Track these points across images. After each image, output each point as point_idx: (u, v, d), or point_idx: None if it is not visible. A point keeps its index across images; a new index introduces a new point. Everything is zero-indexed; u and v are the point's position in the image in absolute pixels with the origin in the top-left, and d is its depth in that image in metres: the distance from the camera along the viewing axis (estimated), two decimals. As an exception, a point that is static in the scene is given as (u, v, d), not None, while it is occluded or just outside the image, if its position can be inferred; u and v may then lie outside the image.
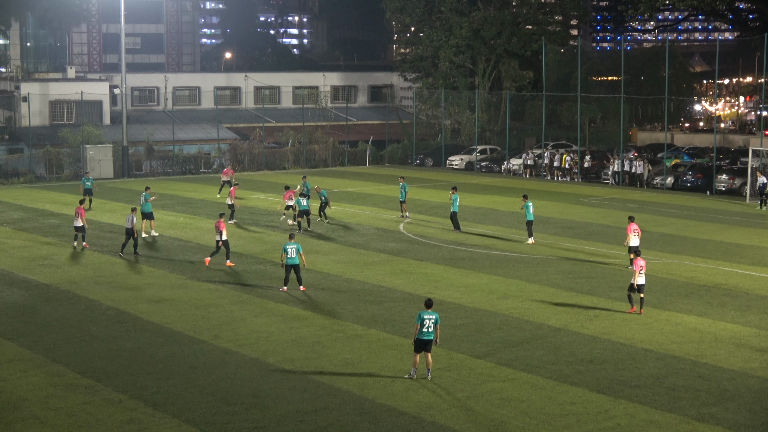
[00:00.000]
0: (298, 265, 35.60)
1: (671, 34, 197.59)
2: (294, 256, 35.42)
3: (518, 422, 22.54)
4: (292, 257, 35.42)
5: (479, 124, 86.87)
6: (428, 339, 25.49)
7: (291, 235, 36.60)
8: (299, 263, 35.60)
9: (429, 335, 25.47)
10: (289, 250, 35.39)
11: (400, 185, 53.45)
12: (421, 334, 25.44)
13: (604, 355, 27.72)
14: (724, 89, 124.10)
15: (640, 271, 32.52)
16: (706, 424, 22.42)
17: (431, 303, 25.97)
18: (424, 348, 25.52)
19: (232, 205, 51.87)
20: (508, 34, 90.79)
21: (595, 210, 57.61)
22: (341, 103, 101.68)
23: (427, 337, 25.48)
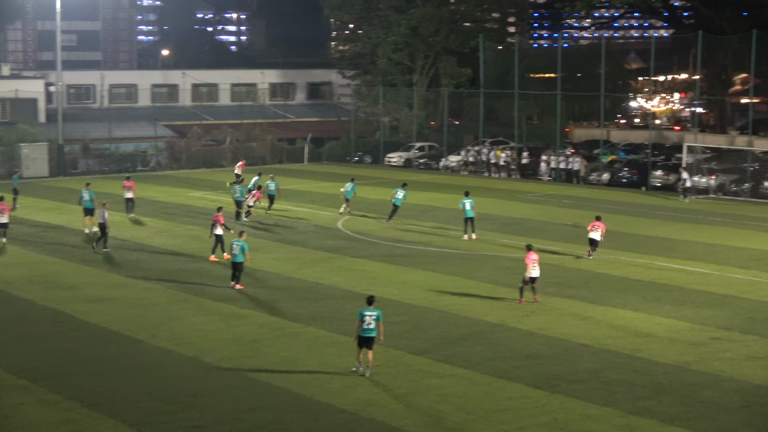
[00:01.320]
0: (242, 263, 35.54)
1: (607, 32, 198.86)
2: (238, 253, 35.36)
3: (456, 418, 22.64)
4: (235, 254, 35.38)
5: (417, 121, 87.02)
6: (369, 336, 25.55)
7: (240, 233, 36.66)
8: (243, 261, 35.54)
9: (370, 332, 25.54)
10: (234, 247, 35.36)
11: (351, 185, 53.85)
12: (363, 331, 25.54)
13: (542, 351, 27.93)
14: (660, 86, 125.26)
15: (533, 265, 33.29)
16: (641, 418, 22.66)
17: (372, 300, 26.09)
18: (365, 344, 25.59)
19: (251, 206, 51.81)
20: (446, 31, 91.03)
21: (533, 206, 57.98)
22: (280, 100, 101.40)
23: (367, 334, 25.55)
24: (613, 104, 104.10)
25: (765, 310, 32.86)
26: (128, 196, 51.90)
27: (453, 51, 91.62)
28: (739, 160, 66.32)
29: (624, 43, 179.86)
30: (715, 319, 31.53)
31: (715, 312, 32.51)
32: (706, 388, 24.72)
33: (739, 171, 64.79)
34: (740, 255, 42.73)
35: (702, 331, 30.22)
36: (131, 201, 51.99)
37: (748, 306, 33.40)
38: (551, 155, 73.98)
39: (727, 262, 41.00)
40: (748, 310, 32.86)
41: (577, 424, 22.31)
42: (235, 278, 35.79)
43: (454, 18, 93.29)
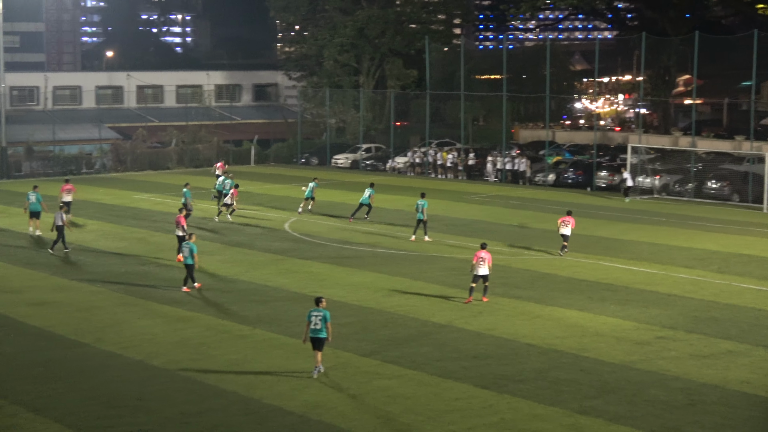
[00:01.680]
0: (192, 265, 35.44)
1: (552, 33, 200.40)
2: (187, 256, 35.30)
3: (404, 419, 22.67)
4: (185, 256, 35.35)
5: (364, 123, 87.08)
6: (317, 337, 25.55)
7: (189, 235, 36.66)
8: (192, 263, 35.43)
9: (318, 333, 25.52)
10: (184, 249, 35.36)
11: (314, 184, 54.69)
12: (312, 332, 25.56)
13: (489, 351, 28.03)
14: (604, 87, 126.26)
15: (479, 263, 33.62)
16: (588, 417, 22.81)
17: (320, 301, 26.05)
18: (316, 346, 25.63)
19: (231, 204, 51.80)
20: (392, 32, 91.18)
21: (479, 207, 58.18)
22: (225, 102, 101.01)
23: (315, 335, 25.56)
24: (558, 105, 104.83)
25: (709, 309, 33.20)
26: (67, 199, 51.34)
27: (399, 52, 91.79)
28: (682, 161, 66.99)
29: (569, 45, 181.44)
30: (660, 319, 31.82)
31: (660, 311, 32.80)
32: (652, 386, 24.93)
33: (683, 171, 65.44)
34: (684, 255, 43.14)
35: (647, 330, 30.48)
36: (68, 204, 51.41)
37: (692, 305, 33.73)
38: (497, 156, 74.28)
39: (672, 262, 41.38)
40: (693, 309, 33.19)
41: (524, 424, 22.42)
42: (187, 281, 35.72)
43: (400, 20, 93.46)
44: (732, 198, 61.54)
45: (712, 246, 45.31)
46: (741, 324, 31.20)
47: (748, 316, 32.29)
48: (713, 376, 25.81)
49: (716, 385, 25.02)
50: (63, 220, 42.79)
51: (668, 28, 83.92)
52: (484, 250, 34.15)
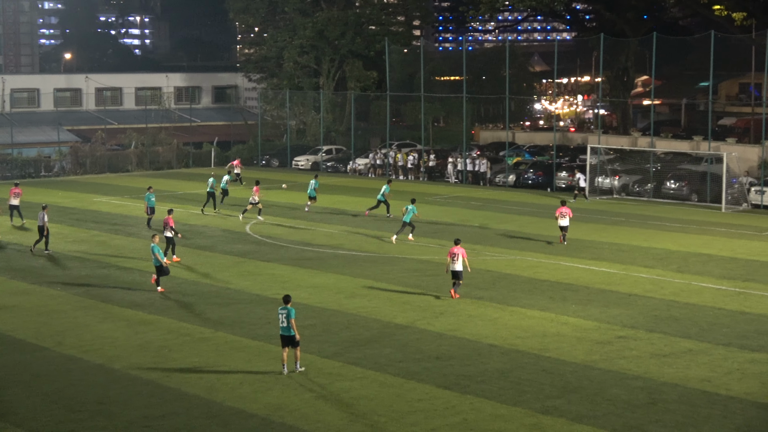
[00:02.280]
0: (161, 265, 35.62)
1: (511, 35, 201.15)
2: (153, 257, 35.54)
3: (367, 420, 22.68)
4: (154, 258, 35.51)
5: (324, 125, 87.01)
6: (285, 335, 25.84)
7: (153, 236, 36.77)
8: (160, 265, 35.59)
9: (285, 330, 25.80)
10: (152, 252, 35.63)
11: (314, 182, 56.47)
12: (281, 330, 25.87)
13: (451, 352, 28.09)
14: (563, 88, 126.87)
15: (453, 258, 34.25)
16: (550, 417, 22.91)
17: (288, 298, 26.31)
18: (288, 343, 25.86)
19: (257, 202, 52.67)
20: (352, 34, 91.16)
21: (440, 208, 58.29)
22: (185, 104, 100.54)
23: (283, 333, 25.87)
24: (518, 106, 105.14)
25: (669, 308, 33.43)
26: (14, 202, 50.94)
27: (359, 54, 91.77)
28: (641, 161, 67.40)
29: (528, 46, 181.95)
30: (620, 318, 32.00)
31: (621, 311, 33.00)
32: (613, 386, 25.08)
33: (642, 172, 65.84)
34: (644, 254, 43.41)
35: (608, 329, 30.65)
36: (16, 208, 51.04)
37: (652, 304, 33.95)
38: (458, 157, 74.45)
39: (632, 262, 41.63)
40: (653, 308, 33.40)
41: (486, 424, 22.49)
42: (158, 281, 35.87)
43: (359, 21, 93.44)
44: (691, 198, 61.99)
45: (672, 246, 45.64)
46: (701, 323, 31.44)
47: (708, 315, 32.54)
48: (674, 374, 26.00)
49: (677, 384, 25.21)
50: (45, 220, 43.06)
51: (626, 29, 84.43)
52: (458, 246, 34.66)
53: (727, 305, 33.86)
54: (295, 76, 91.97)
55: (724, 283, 37.43)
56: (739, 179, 60.68)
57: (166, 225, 41.07)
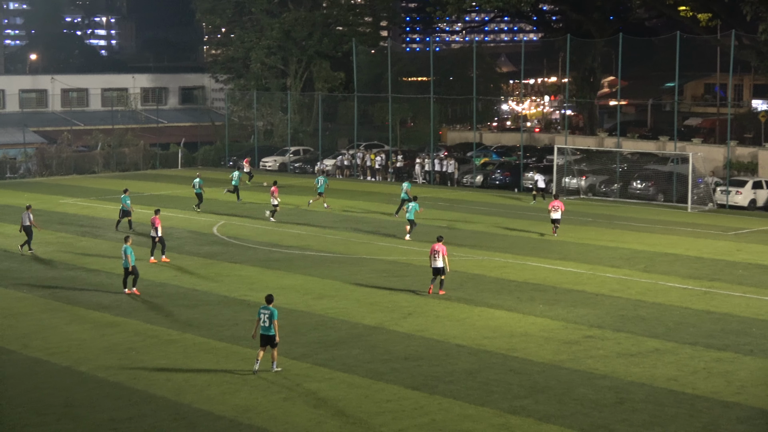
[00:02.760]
0: (134, 267, 35.49)
1: (478, 35, 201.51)
2: (126, 259, 35.43)
3: (335, 422, 22.66)
4: (125, 260, 35.40)
5: (292, 125, 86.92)
6: (266, 334, 25.97)
7: (126, 237, 36.54)
8: (134, 266, 35.51)
9: (266, 330, 25.94)
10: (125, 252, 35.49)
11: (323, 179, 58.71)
12: (262, 329, 25.96)
13: (419, 352, 28.11)
14: (530, 89, 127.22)
15: (435, 256, 34.79)
16: (518, 417, 22.97)
17: (271, 298, 26.52)
18: (267, 343, 25.97)
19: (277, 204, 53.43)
20: (319, 35, 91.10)
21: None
22: (152, 105, 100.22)
23: (264, 332, 25.99)
24: (485, 107, 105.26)
25: (636, 308, 33.59)
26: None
27: (326, 55, 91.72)
28: (608, 162, 67.72)
29: (495, 47, 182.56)
30: (587, 318, 32.13)
31: (588, 310, 33.13)
32: (581, 385, 25.17)
33: (609, 172, 66.15)
34: (611, 254, 43.61)
35: (575, 329, 30.77)
36: None
37: (619, 304, 34.10)
38: (425, 158, 74.54)
39: (599, 262, 41.81)
40: (620, 308, 33.55)
41: (455, 425, 22.52)
42: (126, 283, 35.77)
43: (326, 22, 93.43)
44: (657, 198, 62.32)
45: (638, 245, 45.85)
46: (667, 322, 31.61)
47: (674, 314, 32.72)
48: (640, 374, 26.12)
49: (643, 383, 25.33)
50: (31, 219, 43.20)
51: (592, 30, 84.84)
52: (439, 243, 35.22)
53: (693, 305, 34.06)
54: (262, 77, 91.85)
55: (691, 283, 37.65)
56: (704, 179, 61.07)
57: (153, 225, 41.33)
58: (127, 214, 49.61)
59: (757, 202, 59.05)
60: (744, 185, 59.61)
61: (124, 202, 49.71)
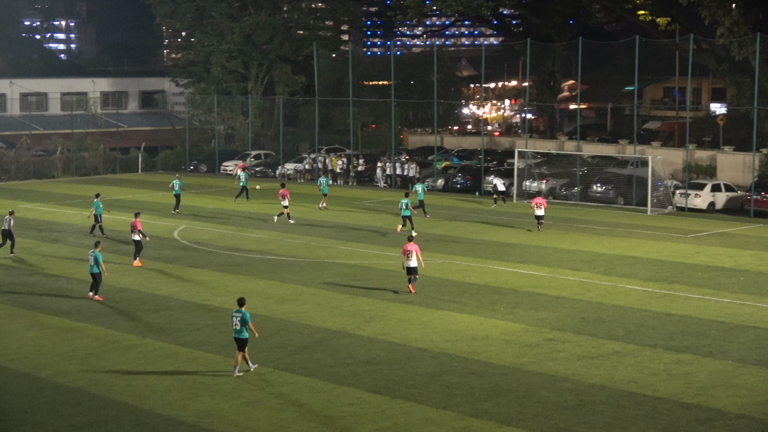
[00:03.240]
0: (98, 273, 35.35)
1: (439, 40, 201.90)
2: (92, 264, 35.29)
3: (298, 426, 22.64)
4: (91, 264, 35.32)
5: (253, 129, 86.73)
6: (237, 337, 26.27)
7: (96, 243, 36.53)
8: (99, 272, 35.32)
9: (237, 333, 26.21)
10: (90, 258, 35.39)
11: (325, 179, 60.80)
12: (234, 332, 26.32)
13: (381, 356, 28.13)
14: (491, 93, 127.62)
15: (408, 255, 35.65)
16: (479, 419, 23.04)
17: (242, 301, 26.64)
18: (238, 346, 26.35)
19: None
20: (280, 39, 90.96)
21: (369, 213, 58.33)
22: (112, 109, 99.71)
23: (236, 335, 26.28)
24: (446, 111, 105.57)
25: (596, 310, 33.76)
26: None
27: (287, 59, 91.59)
28: (568, 165, 68.02)
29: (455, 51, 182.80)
30: (548, 321, 32.26)
31: (549, 313, 33.26)
32: (542, 388, 25.27)
33: (569, 175, 66.44)
34: (571, 257, 43.80)
35: (536, 332, 30.89)
36: None
37: (579, 307, 34.26)
38: (386, 162, 74.58)
39: (559, 265, 41.98)
40: (580, 310, 33.72)
41: (417, 428, 22.55)
42: (93, 289, 35.59)
43: (287, 26, 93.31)
44: (617, 201, 62.63)
45: (599, 248, 46.08)
46: (627, 325, 31.79)
47: (634, 316, 32.92)
48: (601, 376, 26.26)
49: (604, 386, 25.47)
50: (10, 224, 43.38)
51: (553, 34, 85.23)
52: (411, 243, 36.00)
53: (653, 307, 34.27)
54: (223, 81, 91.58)
55: (650, 285, 37.89)
56: (664, 182, 61.46)
57: (134, 228, 41.76)
58: (97, 220, 49.21)
59: (716, 204, 59.48)
60: (703, 188, 60.04)
61: (97, 207, 49.36)
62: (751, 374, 26.47)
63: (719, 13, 67.95)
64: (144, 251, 44.74)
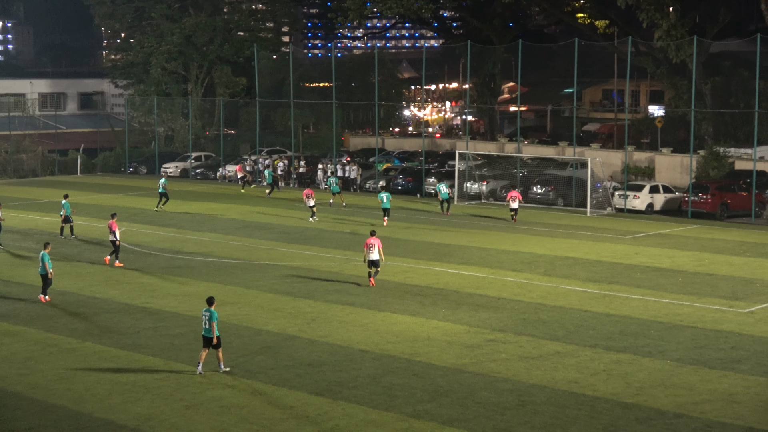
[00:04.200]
0: (46, 275, 35.23)
1: (380, 41, 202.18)
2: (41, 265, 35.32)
3: (239, 429, 22.56)
4: (42, 267, 35.26)
5: (193, 131, 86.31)
6: (207, 336, 26.59)
7: (46, 244, 36.41)
8: (46, 273, 35.24)
9: (206, 332, 26.59)
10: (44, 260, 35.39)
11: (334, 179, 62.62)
12: (203, 330, 26.65)
13: (323, 358, 28.11)
14: (432, 95, 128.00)
15: (369, 249, 36.96)
16: (421, 421, 23.09)
17: (211, 300, 27.03)
18: (208, 344, 26.59)
19: None
20: (220, 40, 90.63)
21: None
22: (50, 110, 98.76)
23: (205, 334, 26.64)
24: (387, 113, 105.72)
25: (537, 311, 33.96)
26: None
27: (228, 60, 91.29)
28: (508, 167, 68.38)
29: (396, 53, 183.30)
30: (489, 322, 32.41)
31: (490, 314, 33.41)
32: (483, 389, 25.38)
33: (509, 177, 66.79)
34: (512, 258, 44.03)
35: (477, 333, 31.01)
36: None
37: (520, 308, 34.45)
38: (328, 164, 74.54)
39: (500, 266, 42.19)
40: (521, 311, 33.90)
41: (358, 430, 22.56)
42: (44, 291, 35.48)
43: (228, 27, 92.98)
44: (557, 202, 63.07)
45: (539, 249, 46.37)
46: (567, 325, 32.02)
47: (575, 317, 33.16)
48: (542, 376, 26.43)
49: (545, 386, 25.63)
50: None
51: (492, 36, 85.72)
52: (374, 237, 37.26)
53: (593, 307, 34.55)
54: (162, 83, 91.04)
55: (590, 286, 38.19)
56: (603, 184, 61.98)
57: (110, 229, 41.95)
58: (68, 221, 48.65)
59: (654, 206, 60.08)
60: (641, 189, 60.62)
61: (65, 208, 48.87)
62: (689, 374, 26.77)
63: (657, 16, 68.72)
64: (82, 254, 44.46)
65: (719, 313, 33.79)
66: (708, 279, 39.62)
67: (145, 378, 26.02)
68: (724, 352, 28.98)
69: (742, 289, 37.61)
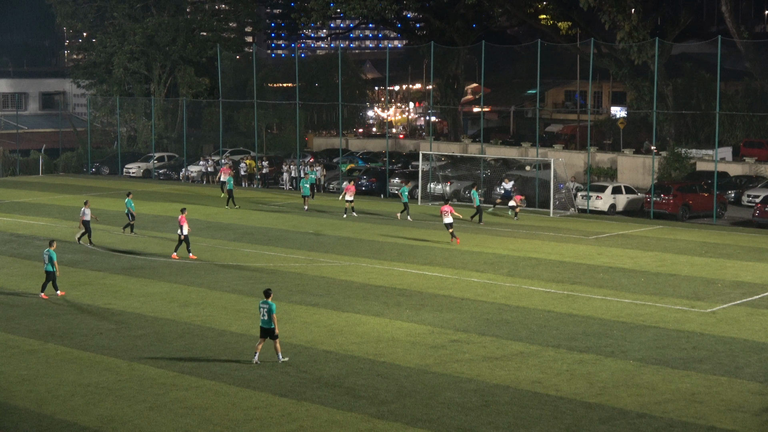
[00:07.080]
0: (53, 272, 35.46)
1: (343, 42, 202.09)
2: (47, 262, 35.43)
3: (202, 430, 22.49)
4: (46, 263, 35.40)
5: (156, 131, 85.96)
6: (265, 327, 27.15)
7: (51, 242, 36.52)
8: (53, 270, 35.41)
9: (265, 323, 27.11)
10: (44, 257, 35.58)
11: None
12: (261, 322, 27.17)
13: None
14: (395, 95, 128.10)
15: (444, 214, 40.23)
16: (385, 421, 23.10)
17: (268, 292, 27.49)
18: (266, 335, 27.18)
19: None
20: (183, 40, 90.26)
21: (274, 215, 58.16)
22: (11, 110, 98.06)
23: (263, 325, 27.17)
24: (351, 113, 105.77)
25: (500, 311, 34.06)
26: None
27: (190, 60, 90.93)
28: (472, 167, 68.53)
29: (360, 54, 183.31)
30: (453, 322, 32.46)
31: (453, 315, 33.47)
32: (447, 389, 25.42)
33: (473, 178, 66.92)
34: (476, 259, 44.13)
35: (441, 333, 31.06)
36: None
37: (484, 308, 34.53)
38: (291, 164, 74.43)
39: (464, 266, 42.26)
40: (485, 312, 33.98)
41: (322, 430, 22.54)
42: (45, 287, 35.81)
43: (190, 27, 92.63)
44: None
45: (502, 250, 46.49)
46: (531, 325, 32.13)
47: (538, 317, 33.28)
48: (505, 377, 26.51)
49: (508, 386, 25.71)
50: None
51: (456, 37, 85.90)
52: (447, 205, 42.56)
53: (555, 308, 34.69)
54: (125, 83, 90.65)
55: (553, 286, 38.33)
56: (566, 185, 62.22)
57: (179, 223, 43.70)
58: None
59: (616, 206, 60.36)
60: (604, 190, 60.88)
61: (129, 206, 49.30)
62: (652, 373, 26.93)
63: (619, 18, 69.16)
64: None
65: (681, 313, 34.01)
66: (670, 279, 39.87)
67: (107, 379, 25.90)
68: (686, 351, 29.18)
69: (703, 290, 37.87)
